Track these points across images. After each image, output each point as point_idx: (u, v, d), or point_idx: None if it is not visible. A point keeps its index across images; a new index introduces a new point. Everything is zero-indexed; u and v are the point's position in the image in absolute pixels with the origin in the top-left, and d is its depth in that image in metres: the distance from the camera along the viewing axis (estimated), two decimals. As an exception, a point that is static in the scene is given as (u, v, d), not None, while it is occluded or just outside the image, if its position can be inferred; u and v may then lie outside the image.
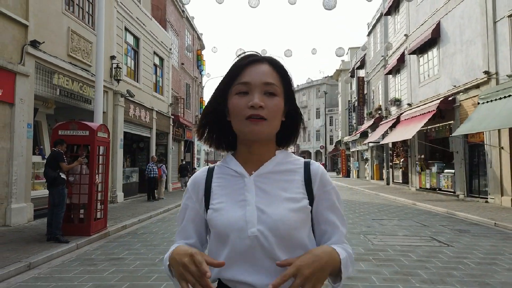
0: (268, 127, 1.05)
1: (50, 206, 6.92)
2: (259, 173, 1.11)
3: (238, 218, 1.04)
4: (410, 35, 20.38)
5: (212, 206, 1.10)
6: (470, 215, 10.44)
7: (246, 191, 1.08)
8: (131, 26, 15.45)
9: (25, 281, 4.85)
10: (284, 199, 1.07)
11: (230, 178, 1.13)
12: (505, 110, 11.09)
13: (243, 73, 1.07)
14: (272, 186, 1.09)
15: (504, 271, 5.16)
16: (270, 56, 1.13)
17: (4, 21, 8.30)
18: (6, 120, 8.38)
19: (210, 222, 1.10)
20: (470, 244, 6.93)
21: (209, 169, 1.19)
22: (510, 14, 12.25)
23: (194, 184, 1.18)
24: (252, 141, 1.09)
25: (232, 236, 1.03)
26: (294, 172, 1.13)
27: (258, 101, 1.03)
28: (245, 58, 1.10)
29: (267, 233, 1.02)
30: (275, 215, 1.04)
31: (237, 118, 1.06)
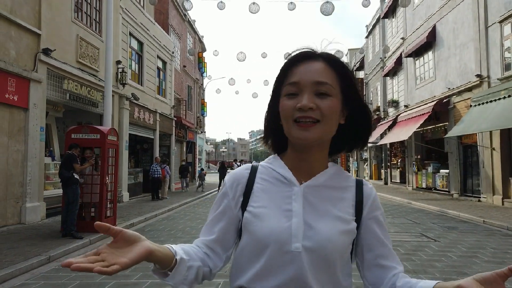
0: (320, 130, 0.95)
1: (65, 204, 7.42)
2: (310, 184, 1.01)
3: (282, 229, 0.94)
4: (407, 38, 20.88)
5: (251, 209, 1.00)
6: (461, 213, 10.93)
7: (294, 201, 0.98)
8: (135, 31, 15.96)
9: (47, 272, 5.36)
10: (334, 217, 0.98)
11: (276, 183, 1.03)
12: (495, 112, 11.59)
13: (293, 72, 0.99)
14: (322, 201, 1.00)
15: (482, 263, 5.67)
16: (325, 52, 1.01)
17: (19, 31, 8.81)
18: (21, 124, 8.90)
19: (248, 226, 0.99)
20: (456, 240, 7.43)
21: (253, 168, 1.09)
22: (501, 20, 12.75)
23: (234, 180, 1.07)
24: (303, 147, 1.00)
25: (272, 247, 0.94)
26: (345, 190, 1.04)
27: (307, 102, 0.93)
28: (295, 56, 1.01)
29: (313, 251, 0.93)
30: (324, 233, 0.94)
31: (285, 121, 0.98)
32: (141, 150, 18.88)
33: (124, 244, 0.80)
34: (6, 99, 8.32)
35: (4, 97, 8.26)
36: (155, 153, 18.24)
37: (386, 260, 1.01)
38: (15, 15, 8.65)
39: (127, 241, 0.81)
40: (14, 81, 8.55)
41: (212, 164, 73.10)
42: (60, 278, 5.04)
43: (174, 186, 21.19)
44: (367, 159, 31.99)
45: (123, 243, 0.80)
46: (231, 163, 37.72)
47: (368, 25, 30.73)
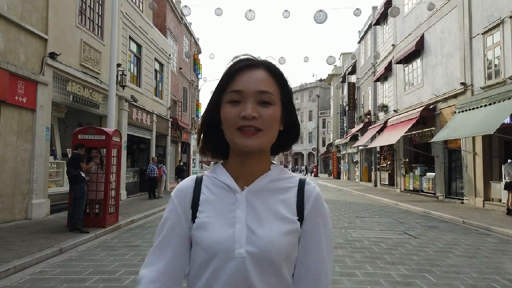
0: (263, 138, 0.97)
1: (72, 200, 7.92)
2: (252, 189, 1.02)
3: (226, 237, 0.95)
4: (397, 45, 21.62)
5: (198, 220, 1.00)
6: (443, 214, 11.61)
7: (237, 207, 1.00)
8: (134, 34, 16.45)
9: (61, 262, 5.88)
10: (276, 219, 0.99)
11: (220, 192, 1.03)
12: (476, 119, 12.29)
13: (236, 80, 0.98)
14: (264, 204, 1.01)
15: (455, 257, 6.30)
16: (266, 60, 1.03)
17: (28, 36, 9.29)
18: (28, 124, 9.38)
19: (195, 238, 1.00)
20: (435, 237, 8.07)
21: (197, 179, 1.08)
22: (484, 32, 13.47)
23: (181, 193, 1.06)
24: (245, 153, 1.00)
25: (218, 255, 0.95)
26: (287, 191, 1.04)
27: (250, 111, 0.94)
28: (238, 63, 1.00)
29: (256, 256, 0.94)
30: (267, 237, 0.95)
31: (228, 129, 0.98)
32: (137, 150, 19.34)
33: None
34: (16, 101, 8.80)
35: (14, 99, 8.74)
36: (151, 153, 18.72)
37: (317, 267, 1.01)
38: (25, 21, 9.13)
39: None
40: (23, 84, 9.03)
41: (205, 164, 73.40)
42: (74, 267, 5.57)
43: (169, 185, 21.67)
44: (357, 162, 32.71)
45: None
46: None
47: (360, 30, 31.49)
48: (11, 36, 8.74)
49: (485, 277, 5.17)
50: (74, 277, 5.03)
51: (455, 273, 5.32)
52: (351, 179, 35.39)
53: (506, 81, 12.18)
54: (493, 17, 12.99)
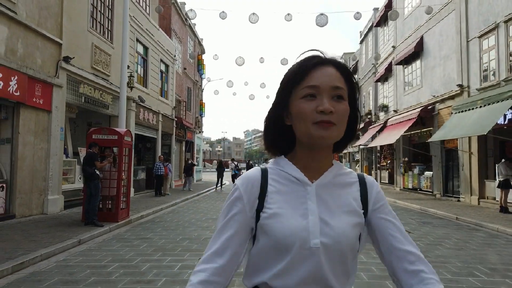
0: (337, 132, 1.00)
1: (87, 196, 8.46)
2: (321, 183, 1.05)
3: (301, 228, 0.98)
4: (397, 46, 22.07)
5: (268, 210, 1.02)
6: (439, 211, 12.10)
7: (308, 199, 1.02)
8: (141, 37, 16.99)
9: (82, 251, 6.42)
10: (345, 212, 1.03)
11: (288, 184, 1.06)
12: (471, 120, 12.76)
13: (310, 76, 1.01)
14: (333, 197, 1.05)
15: (444, 249, 6.81)
16: (334, 58, 1.07)
17: (44, 41, 9.84)
18: (45, 125, 9.93)
19: (266, 228, 1.01)
20: (427, 232, 8.58)
21: (263, 170, 1.10)
22: (480, 35, 13.93)
23: (248, 183, 1.07)
24: (317, 146, 1.03)
25: (294, 246, 0.97)
26: (350, 185, 1.09)
27: (328, 106, 0.97)
28: (310, 60, 1.04)
29: (329, 246, 0.97)
30: (338, 228, 0.99)
31: (303, 123, 1.00)
32: (144, 149, 19.90)
33: None
34: (33, 103, 9.35)
35: (32, 101, 9.29)
36: (157, 152, 19.28)
37: (403, 245, 1.03)
38: (41, 27, 9.67)
39: None
40: (40, 86, 9.59)
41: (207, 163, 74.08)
42: (94, 256, 6.11)
43: (174, 183, 22.23)
44: (358, 161, 33.18)
45: None
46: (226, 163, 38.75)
47: (362, 31, 31.93)
48: (29, 42, 9.29)
49: (468, 266, 5.69)
50: (96, 264, 5.58)
51: (441, 263, 5.84)
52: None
53: (500, 84, 12.64)
54: (488, 22, 13.45)
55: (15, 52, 8.80)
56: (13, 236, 7.06)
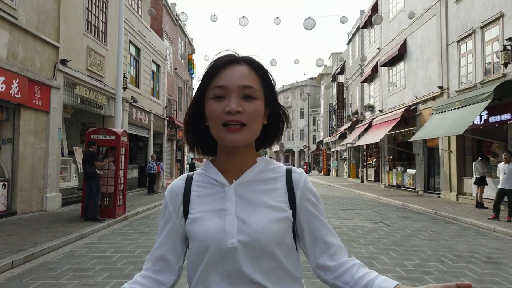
0: (247, 133, 1.00)
1: (87, 194, 8.91)
2: (240, 182, 1.06)
3: (217, 229, 0.99)
4: (382, 48, 22.81)
5: (190, 216, 1.05)
6: (419, 206, 12.81)
7: (226, 200, 1.03)
8: (133, 38, 17.39)
9: (85, 244, 6.91)
10: (266, 208, 1.02)
11: (210, 187, 1.07)
12: (449, 120, 13.49)
13: (219, 76, 1.01)
14: (253, 195, 1.04)
15: (418, 240, 7.46)
16: (248, 56, 1.06)
17: (43, 45, 10.24)
18: (43, 125, 10.34)
19: (189, 233, 1.04)
20: (405, 225, 9.24)
21: (188, 177, 1.12)
22: (459, 40, 14.68)
23: (172, 192, 1.11)
24: (231, 148, 1.04)
25: (211, 247, 0.98)
26: (275, 180, 1.08)
27: (235, 106, 0.97)
28: (221, 59, 1.04)
29: (247, 244, 0.97)
30: (256, 225, 0.99)
31: (214, 124, 1.01)
32: (136, 148, 20.30)
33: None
34: (33, 104, 9.76)
35: (32, 103, 9.70)
36: (149, 151, 19.71)
37: (327, 237, 1.05)
38: (40, 31, 10.07)
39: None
40: (39, 88, 10.00)
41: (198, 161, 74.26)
42: (97, 248, 6.61)
43: (166, 181, 22.66)
44: (346, 159, 33.96)
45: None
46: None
47: (349, 32, 32.68)
48: (29, 46, 9.69)
49: (437, 254, 6.33)
50: (100, 255, 6.08)
51: (414, 251, 6.48)
52: (340, 176, 36.68)
53: (477, 86, 13.39)
54: (466, 27, 14.20)
55: (16, 56, 9.21)
56: (19, 231, 7.51)
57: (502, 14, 12.21)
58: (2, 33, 8.75)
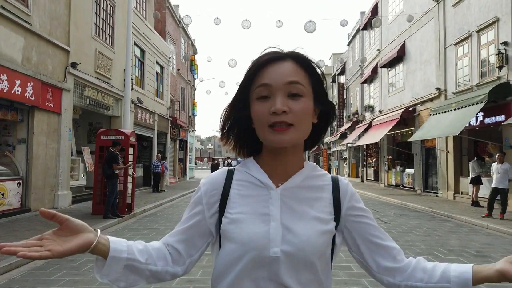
0: (296, 133, 0.94)
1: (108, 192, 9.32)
2: (287, 187, 1.00)
3: (260, 234, 0.93)
4: (382, 50, 23.21)
5: (229, 215, 0.98)
6: (417, 205, 13.22)
7: (271, 204, 0.97)
8: (138, 40, 17.82)
9: (99, 239, 7.33)
10: (312, 218, 0.97)
11: (253, 187, 1.01)
12: (446, 122, 13.91)
13: (263, 74, 0.96)
14: (299, 202, 0.99)
15: (413, 236, 7.88)
16: (293, 51, 0.99)
17: (54, 49, 10.67)
18: (55, 126, 10.78)
19: (226, 234, 0.98)
20: (402, 222, 9.66)
21: (229, 172, 1.06)
22: (456, 43, 15.07)
23: (210, 185, 1.05)
24: (278, 149, 0.98)
25: (251, 253, 0.93)
26: (322, 189, 1.03)
27: (280, 105, 0.91)
28: (264, 56, 0.98)
29: (291, 254, 0.92)
30: (302, 236, 0.94)
31: (260, 126, 0.96)
32: (141, 148, 20.73)
33: (68, 233, 0.85)
34: (46, 106, 10.19)
35: (45, 105, 10.14)
36: (153, 150, 20.14)
37: (384, 241, 1.02)
38: (52, 36, 10.50)
39: (72, 230, 0.85)
40: (52, 91, 10.43)
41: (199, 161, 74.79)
42: (111, 242, 7.03)
43: (169, 180, 23.11)
44: (346, 159, 34.37)
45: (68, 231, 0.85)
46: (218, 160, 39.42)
47: (349, 33, 33.07)
48: (42, 50, 10.11)
49: (430, 248, 6.76)
50: (115, 248, 6.50)
51: (408, 246, 6.90)
52: (340, 175, 36.98)
53: (473, 88, 13.80)
54: (463, 30, 14.60)
55: (30, 60, 9.64)
56: (35, 227, 7.94)
57: (497, 18, 12.61)
58: (18, 38, 9.17)
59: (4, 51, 8.67)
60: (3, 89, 8.45)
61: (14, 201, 9.36)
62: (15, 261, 5.41)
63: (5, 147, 9.84)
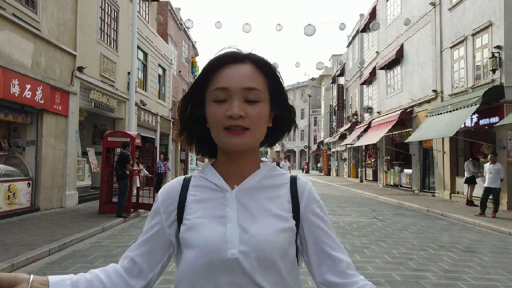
0: (251, 138, 0.94)
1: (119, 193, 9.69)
2: (242, 188, 0.99)
3: (217, 237, 0.92)
4: (380, 52, 23.58)
5: (186, 221, 0.97)
6: (413, 204, 13.59)
7: (227, 206, 0.96)
8: (141, 44, 18.19)
9: (108, 236, 7.71)
10: (269, 217, 0.96)
11: (209, 192, 1.00)
12: (442, 123, 14.28)
13: (220, 75, 0.94)
14: (256, 202, 0.98)
15: (407, 233, 8.25)
16: (252, 54, 0.98)
17: (62, 54, 11.05)
18: (62, 128, 11.16)
19: (184, 241, 0.96)
20: (397, 221, 10.03)
21: (185, 180, 1.05)
22: (452, 46, 15.44)
23: (166, 194, 1.03)
24: (233, 152, 0.98)
25: (209, 256, 0.91)
26: (279, 188, 1.02)
27: (237, 110, 0.91)
28: (222, 56, 0.96)
29: (250, 255, 0.91)
30: (260, 235, 0.92)
31: (215, 128, 0.95)
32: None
33: None
34: (54, 109, 10.57)
35: (53, 108, 10.52)
36: (156, 151, 20.48)
37: (334, 251, 0.98)
38: (60, 41, 10.88)
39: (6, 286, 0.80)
40: (59, 94, 10.81)
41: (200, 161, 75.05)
42: (120, 238, 7.42)
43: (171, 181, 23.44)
44: (346, 159, 34.74)
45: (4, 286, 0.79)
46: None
47: (349, 35, 33.45)
48: (50, 55, 10.50)
49: (422, 244, 7.12)
50: (124, 244, 6.88)
51: (402, 242, 7.27)
52: (340, 176, 37.44)
53: (468, 90, 14.17)
54: (458, 34, 14.97)
55: (39, 65, 10.02)
56: (46, 225, 8.32)
57: (491, 23, 12.98)
58: (28, 44, 9.56)
59: (15, 57, 9.05)
60: (15, 93, 8.83)
61: (24, 201, 9.74)
62: (31, 256, 5.79)
63: (15, 148, 10.23)
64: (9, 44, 8.88)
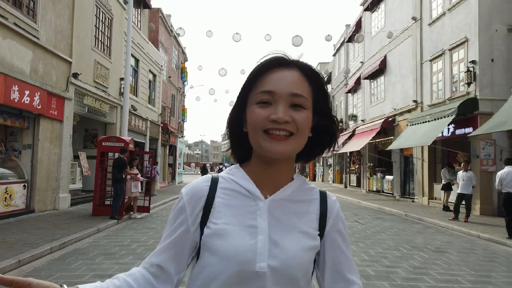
0: (294, 144, 0.91)
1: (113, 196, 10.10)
2: (276, 198, 0.96)
3: (247, 248, 0.89)
4: (365, 62, 24.42)
5: (213, 225, 0.93)
6: (393, 209, 14.28)
7: (258, 216, 0.93)
8: (133, 50, 18.58)
9: (103, 236, 8.14)
10: (299, 233, 0.94)
11: (240, 197, 0.97)
12: (421, 132, 15.05)
13: (267, 79, 0.93)
14: (286, 215, 0.95)
15: (384, 235, 8.88)
16: (300, 60, 0.97)
17: (58, 61, 11.44)
18: (57, 133, 11.53)
19: (208, 245, 0.92)
20: (376, 224, 10.67)
21: (213, 180, 1.01)
22: (431, 59, 16.28)
23: (193, 194, 0.98)
24: (271, 158, 0.93)
25: (236, 267, 0.88)
26: (310, 203, 1.00)
27: (282, 115, 0.88)
28: (269, 61, 0.95)
29: (278, 270, 0.89)
30: (290, 251, 0.90)
31: (254, 131, 0.91)
32: (132, 153, 21.45)
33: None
34: (50, 114, 10.95)
35: (49, 113, 10.90)
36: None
37: (349, 274, 0.99)
38: (56, 49, 11.28)
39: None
40: (55, 100, 11.19)
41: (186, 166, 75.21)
42: (116, 238, 7.86)
43: (159, 185, 23.82)
44: (331, 165, 35.50)
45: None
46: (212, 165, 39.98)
47: (335, 45, 34.33)
48: (47, 62, 10.89)
49: (397, 245, 7.75)
50: (120, 243, 7.33)
51: (378, 243, 7.88)
52: (325, 181, 38.21)
53: (446, 102, 14.98)
54: (437, 48, 15.81)
55: (37, 72, 10.41)
56: (43, 226, 8.70)
57: (466, 39, 13.81)
58: (27, 52, 9.95)
59: (15, 64, 9.45)
60: (15, 99, 9.22)
61: (19, 203, 10.08)
62: (36, 253, 6.21)
63: (12, 152, 10.57)
64: (10, 52, 9.28)
